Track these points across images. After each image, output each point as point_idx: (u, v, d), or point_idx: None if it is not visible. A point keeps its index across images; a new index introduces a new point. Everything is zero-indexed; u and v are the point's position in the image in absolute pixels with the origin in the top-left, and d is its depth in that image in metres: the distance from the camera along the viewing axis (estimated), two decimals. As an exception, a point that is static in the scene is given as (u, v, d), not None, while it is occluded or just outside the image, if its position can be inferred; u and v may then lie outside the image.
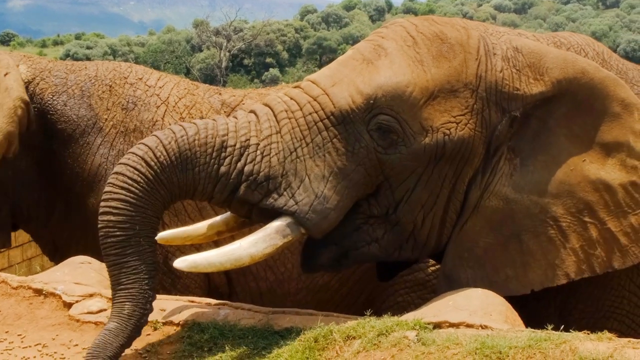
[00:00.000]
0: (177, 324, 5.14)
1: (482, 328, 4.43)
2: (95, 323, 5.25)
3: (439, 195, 5.23)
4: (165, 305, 5.38)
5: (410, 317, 4.63)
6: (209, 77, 58.09)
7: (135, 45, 66.26)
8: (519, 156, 5.29)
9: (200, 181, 4.88)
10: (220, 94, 7.00)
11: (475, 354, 4.03)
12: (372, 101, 5.03)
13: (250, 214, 5.11)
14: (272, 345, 4.71)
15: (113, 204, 4.70)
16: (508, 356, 3.96)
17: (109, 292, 5.43)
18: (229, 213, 5.33)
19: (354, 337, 4.50)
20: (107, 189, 4.78)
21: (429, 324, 4.49)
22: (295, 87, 5.31)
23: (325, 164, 5.01)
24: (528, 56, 5.30)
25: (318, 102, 5.08)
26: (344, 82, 5.13)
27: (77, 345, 5.11)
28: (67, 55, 58.56)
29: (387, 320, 4.60)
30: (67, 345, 5.11)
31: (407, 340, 4.31)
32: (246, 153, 4.94)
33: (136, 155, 4.79)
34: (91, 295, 5.46)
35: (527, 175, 5.26)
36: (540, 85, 5.26)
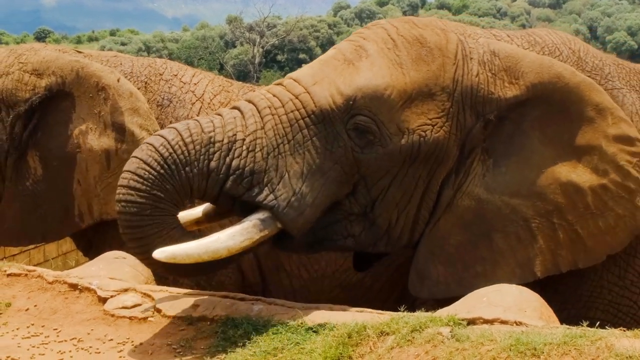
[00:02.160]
0: (211, 319, 5.15)
1: (517, 324, 4.40)
2: (130, 318, 5.28)
3: (413, 194, 5.38)
4: (199, 300, 5.40)
5: (444, 313, 4.62)
6: (242, 73, 58.12)
7: (169, 42, 66.40)
8: (492, 157, 5.41)
9: (194, 179, 5.01)
10: (254, 91, 7.00)
11: (510, 350, 4.00)
12: (351, 102, 5.17)
13: (234, 207, 5.25)
14: (305, 341, 4.70)
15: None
16: (543, 353, 3.94)
17: (143, 287, 5.48)
18: (208, 204, 5.46)
19: (388, 333, 4.49)
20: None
21: (462, 320, 4.48)
22: (277, 84, 5.42)
23: (304, 162, 5.15)
24: (504, 60, 5.41)
25: (300, 100, 5.21)
26: (325, 81, 5.26)
27: (112, 340, 5.13)
28: (102, 52, 58.70)
29: (421, 316, 4.59)
30: (102, 340, 5.13)
31: (441, 337, 4.30)
32: (233, 148, 5.06)
33: (121, 186, 4.95)
34: (126, 290, 5.49)
35: (499, 176, 5.38)
36: (515, 89, 5.37)
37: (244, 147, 5.08)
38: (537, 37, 5.90)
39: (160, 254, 4.92)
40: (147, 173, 4.90)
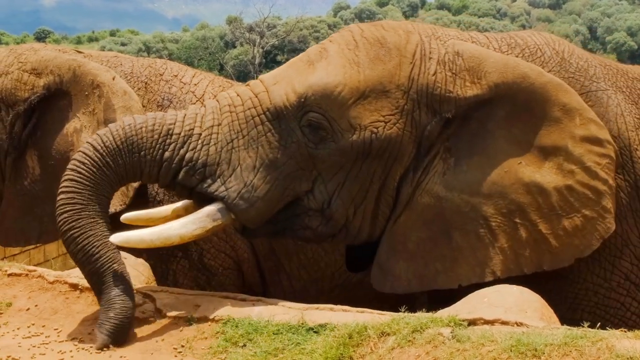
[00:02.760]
0: (212, 320, 5.16)
1: (518, 325, 4.41)
2: (131, 318, 5.27)
3: (369, 190, 5.47)
4: (199, 301, 5.41)
5: (444, 313, 4.62)
6: (243, 74, 58.09)
7: (169, 42, 66.36)
8: (455, 156, 5.44)
9: (146, 164, 5.32)
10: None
11: (511, 351, 4.00)
12: (303, 99, 5.35)
13: (192, 198, 5.48)
14: (306, 341, 4.71)
15: (64, 184, 5.20)
16: (544, 354, 3.94)
17: (144, 288, 5.48)
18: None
19: (388, 334, 4.49)
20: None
21: (463, 320, 4.48)
22: (246, 85, 5.69)
23: (257, 156, 5.36)
24: (468, 60, 5.46)
25: (258, 98, 5.44)
26: (285, 81, 5.47)
27: (112, 340, 5.13)
28: (102, 52, 58.59)
29: (422, 316, 4.60)
30: (102, 340, 5.13)
31: (441, 337, 4.30)
32: (189, 141, 5.35)
33: (87, 143, 5.32)
34: (126, 291, 5.47)
35: (459, 175, 5.41)
36: (477, 88, 5.41)
37: (199, 141, 5.38)
38: (518, 39, 5.87)
39: (115, 238, 5.17)
40: (108, 141, 5.25)
